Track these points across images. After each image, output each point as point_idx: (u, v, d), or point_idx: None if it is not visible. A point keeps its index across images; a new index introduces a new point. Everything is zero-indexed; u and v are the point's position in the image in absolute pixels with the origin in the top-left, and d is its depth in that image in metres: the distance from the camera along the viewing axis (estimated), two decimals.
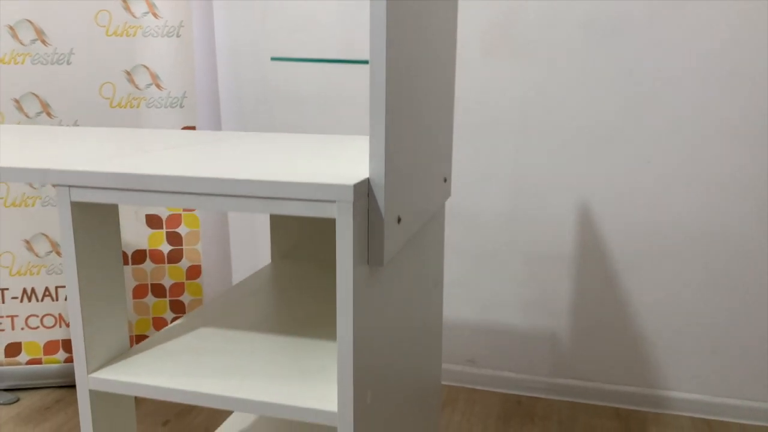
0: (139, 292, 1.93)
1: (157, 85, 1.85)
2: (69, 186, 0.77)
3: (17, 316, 1.89)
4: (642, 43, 1.71)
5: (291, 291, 1.17)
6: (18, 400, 1.88)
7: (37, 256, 1.87)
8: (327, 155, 0.94)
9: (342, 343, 0.71)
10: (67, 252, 0.79)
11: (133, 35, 1.83)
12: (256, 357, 0.88)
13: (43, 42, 1.79)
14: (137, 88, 1.85)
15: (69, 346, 1.93)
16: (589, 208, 1.82)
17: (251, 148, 1.03)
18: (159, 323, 1.96)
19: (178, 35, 1.84)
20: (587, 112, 1.78)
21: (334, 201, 0.68)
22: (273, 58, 1.70)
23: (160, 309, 1.95)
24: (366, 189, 0.71)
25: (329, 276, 1.27)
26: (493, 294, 1.94)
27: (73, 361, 1.19)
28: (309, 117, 1.99)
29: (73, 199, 0.77)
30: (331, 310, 1.08)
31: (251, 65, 2.01)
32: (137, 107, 1.85)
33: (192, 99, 1.88)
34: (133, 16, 1.82)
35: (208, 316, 1.04)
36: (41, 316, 1.90)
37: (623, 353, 1.88)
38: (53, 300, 1.90)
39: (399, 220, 0.79)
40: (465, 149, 1.88)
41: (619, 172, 1.78)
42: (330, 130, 1.98)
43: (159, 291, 1.94)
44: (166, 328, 0.99)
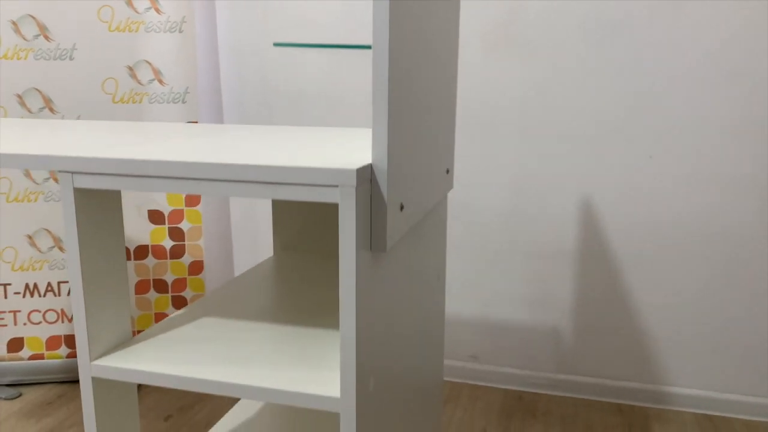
0: (142, 287, 1.93)
1: (160, 81, 1.85)
2: (72, 172, 0.77)
3: (20, 311, 1.89)
4: (642, 43, 1.71)
5: (293, 281, 1.17)
6: (20, 395, 1.88)
7: (40, 251, 1.87)
8: (330, 144, 0.94)
9: (345, 328, 0.71)
10: (70, 239, 0.79)
11: (136, 31, 1.83)
12: (258, 345, 0.88)
13: (46, 37, 1.79)
14: (140, 83, 1.85)
15: (71, 341, 1.94)
16: (591, 205, 1.82)
17: (254, 137, 1.03)
18: (161, 319, 1.96)
19: (180, 31, 1.84)
20: (588, 110, 1.78)
21: (336, 186, 0.68)
22: (276, 43, 1.71)
23: (162, 304, 1.96)
24: (369, 174, 0.71)
25: (332, 267, 1.27)
26: (496, 291, 1.94)
27: (76, 355, 1.19)
28: (311, 113, 2.00)
29: (76, 186, 0.77)
30: (334, 300, 1.08)
31: (253, 61, 2.01)
32: (140, 103, 1.86)
33: (194, 94, 1.88)
34: (136, 11, 1.82)
35: (210, 306, 1.04)
36: (43, 311, 1.90)
37: (625, 349, 1.87)
38: (56, 295, 1.90)
39: (402, 207, 0.79)
40: (467, 148, 1.88)
41: (621, 170, 1.78)
42: (331, 125, 1.98)
43: (161, 287, 1.94)
44: (168, 317, 0.99)
